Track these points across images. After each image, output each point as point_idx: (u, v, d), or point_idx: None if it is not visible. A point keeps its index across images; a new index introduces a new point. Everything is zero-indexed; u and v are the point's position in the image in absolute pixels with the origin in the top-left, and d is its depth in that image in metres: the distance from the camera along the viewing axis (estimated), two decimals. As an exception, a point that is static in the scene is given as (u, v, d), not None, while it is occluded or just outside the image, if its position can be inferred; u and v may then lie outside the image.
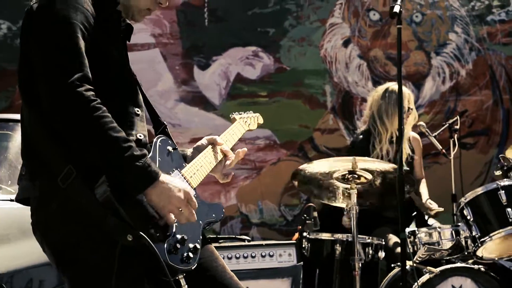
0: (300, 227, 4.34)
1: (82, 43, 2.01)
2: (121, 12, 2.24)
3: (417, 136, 4.97)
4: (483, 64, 6.17)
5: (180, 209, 2.03)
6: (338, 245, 4.22)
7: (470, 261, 4.13)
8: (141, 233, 1.95)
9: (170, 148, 2.23)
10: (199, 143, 2.39)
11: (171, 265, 2.01)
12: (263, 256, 3.95)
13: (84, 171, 2.00)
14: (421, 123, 4.84)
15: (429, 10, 6.20)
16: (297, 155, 6.02)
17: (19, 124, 3.55)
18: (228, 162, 2.40)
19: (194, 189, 2.22)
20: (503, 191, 4.06)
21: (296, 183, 4.23)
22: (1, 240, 2.87)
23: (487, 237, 4.01)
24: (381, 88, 4.87)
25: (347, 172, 4.02)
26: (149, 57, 5.97)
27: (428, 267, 3.99)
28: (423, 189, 4.85)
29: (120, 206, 1.95)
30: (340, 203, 4.23)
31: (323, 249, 4.25)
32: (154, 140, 2.21)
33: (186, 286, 2.07)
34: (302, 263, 4.00)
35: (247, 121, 2.71)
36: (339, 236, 4.24)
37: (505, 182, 4.11)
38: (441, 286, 3.99)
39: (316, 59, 6.13)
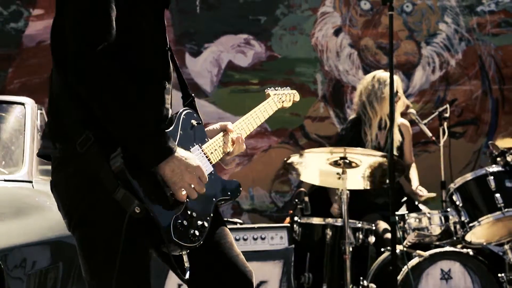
0: (291, 211, 4.38)
1: (112, 11, 2.00)
2: None
3: (407, 123, 5.00)
4: (473, 54, 6.22)
5: (192, 185, 2.05)
6: (329, 229, 4.27)
7: (459, 246, 4.19)
8: (148, 206, 1.97)
9: (194, 122, 2.21)
10: (211, 127, 2.35)
11: (175, 240, 2.01)
12: (255, 239, 3.99)
13: (102, 139, 2.01)
14: (412, 110, 4.89)
15: (420, 0, 6.24)
16: (288, 142, 6.05)
17: (12, 106, 3.59)
18: (231, 150, 2.33)
19: (213, 165, 2.20)
20: (492, 177, 4.12)
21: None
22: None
23: (476, 222, 4.07)
24: (369, 76, 4.92)
25: (338, 158, 4.06)
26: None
27: (418, 251, 4.04)
28: (413, 174, 4.90)
29: (132, 179, 1.97)
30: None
31: (314, 233, 4.30)
32: (179, 112, 2.20)
33: (188, 263, 2.07)
34: (293, 246, 4.04)
35: (282, 98, 2.62)
36: (330, 220, 4.28)
37: (494, 168, 4.18)
38: (430, 270, 4.05)
39: (307, 47, 6.15)
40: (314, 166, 4.31)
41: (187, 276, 2.07)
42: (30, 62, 6.04)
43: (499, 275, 4.05)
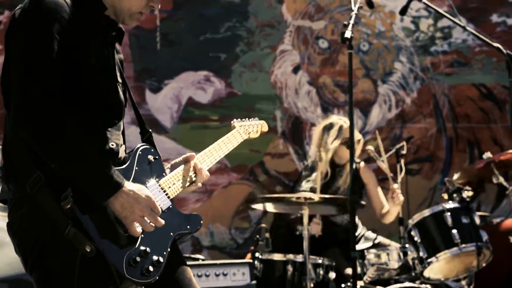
0: (252, 247, 4.39)
1: (56, 53, 2.02)
2: (109, 17, 2.23)
3: (362, 165, 5.01)
4: (427, 93, 6.38)
5: (144, 217, 2.05)
6: (289, 265, 4.29)
7: (418, 281, 4.25)
8: (98, 245, 1.98)
9: (151, 157, 2.22)
10: (176, 160, 2.37)
11: (127, 277, 2.01)
12: (217, 275, 3.98)
13: (51, 178, 2.02)
14: (370, 147, 4.96)
15: (376, 39, 6.40)
16: (248, 178, 6.08)
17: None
18: (197, 178, 2.35)
19: (171, 200, 2.20)
20: (449, 213, 4.21)
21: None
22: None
23: (434, 257, 4.14)
24: (319, 125, 4.99)
25: (302, 199, 4.11)
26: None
27: (378, 287, 4.08)
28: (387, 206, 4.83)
29: (82, 218, 1.98)
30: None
31: (275, 269, 4.31)
32: (136, 148, 2.21)
33: None
34: (255, 282, 4.05)
35: (248, 129, 2.66)
36: (290, 256, 4.31)
37: (450, 205, 4.27)
38: (390, 306, 4.09)
39: (267, 84, 6.23)
40: (277, 203, 4.36)
41: None
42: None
43: (457, 310, 4.12)
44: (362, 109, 6.29)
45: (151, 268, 2.07)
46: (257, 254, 4.31)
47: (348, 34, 3.74)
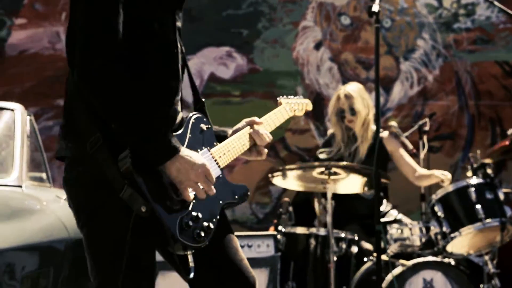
0: (275, 221, 4.42)
1: (120, 14, 2.03)
2: None
3: (386, 134, 4.95)
4: (450, 70, 6.35)
5: (199, 184, 2.07)
6: (312, 239, 4.31)
7: (440, 256, 4.25)
8: (154, 206, 2.00)
9: (203, 126, 2.23)
10: (238, 125, 2.37)
11: (180, 240, 2.04)
12: (241, 247, 3.94)
13: (111, 140, 2.05)
14: (393, 123, 4.95)
15: (398, 16, 6.36)
16: (269, 154, 6.00)
17: (2, 111, 3.58)
18: (259, 144, 2.35)
19: (221, 169, 2.22)
20: (473, 189, 4.20)
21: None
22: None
23: (457, 232, 4.14)
24: (335, 93, 4.95)
25: (324, 169, 4.12)
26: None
27: (401, 260, 4.10)
28: (425, 172, 4.74)
29: (139, 179, 2.00)
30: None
31: (298, 243, 4.34)
32: (189, 116, 2.23)
33: (193, 263, 2.09)
34: (280, 253, 4.08)
35: (294, 107, 2.61)
36: (313, 230, 4.33)
37: (474, 180, 4.26)
38: (413, 279, 4.10)
39: (289, 61, 6.23)
40: (298, 177, 4.36)
41: (191, 276, 2.09)
42: (11, 71, 6.02)
43: (481, 286, 4.12)
44: (384, 86, 6.27)
45: (202, 233, 2.09)
46: (280, 228, 4.34)
47: (375, 7, 3.73)
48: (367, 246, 4.43)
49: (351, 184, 4.35)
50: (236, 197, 2.25)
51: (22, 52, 6.03)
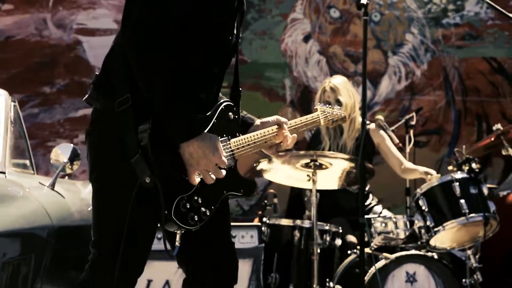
0: (260, 212, 4.41)
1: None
2: None
3: (373, 126, 4.94)
4: (438, 66, 6.36)
5: (207, 171, 2.11)
6: (297, 231, 4.31)
7: (424, 250, 4.27)
8: (157, 180, 2.06)
9: (231, 115, 2.28)
10: (268, 118, 2.39)
11: (173, 219, 2.08)
12: (225, 237, 4.00)
13: (138, 105, 2.12)
14: (380, 117, 4.93)
15: (387, 10, 6.37)
16: (255, 146, 6.08)
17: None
18: (282, 144, 2.38)
19: (236, 160, 2.25)
20: (457, 183, 4.21)
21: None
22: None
23: (441, 226, 4.15)
24: (321, 85, 4.93)
25: (309, 161, 4.11)
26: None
27: (384, 253, 4.11)
28: (411, 166, 4.76)
29: (151, 153, 2.06)
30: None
31: (282, 234, 4.34)
32: (220, 102, 2.27)
33: (179, 242, 2.14)
34: (263, 244, 4.08)
35: (328, 117, 2.58)
36: (298, 222, 4.33)
37: (459, 175, 4.27)
38: (396, 272, 4.12)
39: (277, 52, 6.22)
40: (284, 169, 4.35)
41: (175, 253, 2.16)
42: (-2, 56, 5.98)
43: (463, 280, 4.14)
44: (371, 80, 6.28)
45: (196, 217, 2.13)
46: (264, 219, 4.34)
47: (364, 0, 3.73)
48: (352, 239, 4.44)
49: (337, 177, 4.35)
50: (242, 190, 2.30)
51: (8, 38, 5.99)
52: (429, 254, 4.18)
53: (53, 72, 6.02)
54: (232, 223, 4.27)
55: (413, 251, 4.20)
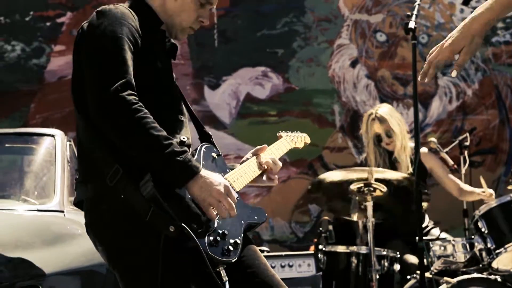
0: (315, 240, 4.38)
1: (127, 53, 2.13)
2: (165, 32, 2.35)
3: (425, 151, 4.89)
4: (489, 84, 6.26)
5: (220, 202, 2.09)
6: (354, 257, 4.26)
7: (485, 273, 4.17)
8: (182, 224, 2.03)
9: (214, 154, 2.32)
10: (245, 157, 2.44)
11: (212, 256, 2.07)
12: (282, 267, 3.99)
13: (130, 169, 2.10)
14: (433, 139, 4.89)
15: (435, 31, 6.31)
16: (307, 173, 6.08)
17: (43, 137, 3.64)
18: (271, 170, 2.42)
19: (237, 192, 2.26)
20: (517, 204, 4.12)
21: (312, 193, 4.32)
22: (29, 247, 2.90)
23: (502, 248, 4.05)
24: (365, 116, 4.88)
25: (362, 185, 4.08)
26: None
27: (445, 278, 4.02)
28: (469, 188, 4.74)
29: (163, 201, 2.03)
30: (354, 215, 4.28)
31: (339, 261, 4.29)
32: (199, 146, 2.31)
33: (227, 277, 2.11)
34: (321, 273, 4.04)
35: (294, 139, 2.73)
36: (354, 248, 4.28)
37: (518, 195, 4.18)
38: (458, 297, 4.02)
39: (325, 79, 6.22)
40: (337, 196, 4.34)
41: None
42: (51, 97, 6.12)
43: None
44: (422, 102, 6.21)
45: (231, 248, 2.14)
46: (320, 246, 4.30)
47: (411, 24, 3.73)
48: (412, 260, 4.35)
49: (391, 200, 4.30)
50: (256, 217, 2.32)
51: (61, 78, 6.13)
52: (492, 277, 4.08)
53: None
54: (288, 252, 4.33)
55: (475, 275, 4.10)
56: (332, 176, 4.37)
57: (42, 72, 6.14)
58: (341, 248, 4.31)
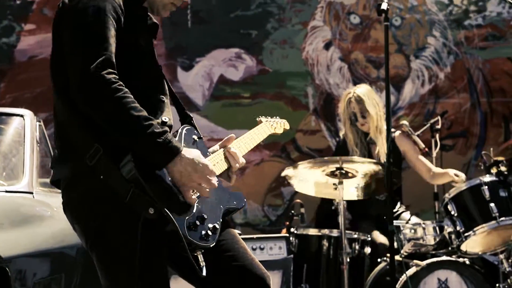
0: (287, 223, 4.39)
1: (110, 31, 2.09)
2: (147, 9, 2.31)
3: (400, 135, 4.92)
4: (461, 68, 6.29)
5: (202, 184, 2.08)
6: (325, 240, 4.28)
7: (454, 255, 4.21)
8: (162, 206, 2.01)
9: (195, 137, 2.29)
10: (212, 148, 2.40)
11: (190, 240, 2.06)
12: (253, 249, 3.99)
13: (110, 149, 2.07)
14: (404, 122, 4.90)
15: (408, 14, 6.32)
16: (280, 156, 6.07)
17: (11, 117, 3.58)
18: (234, 165, 2.38)
19: (217, 176, 2.23)
20: (486, 187, 4.15)
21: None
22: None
23: (471, 231, 4.09)
24: (344, 95, 4.90)
25: (335, 169, 4.09)
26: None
27: (415, 261, 4.06)
28: (440, 170, 4.75)
29: (144, 182, 2.01)
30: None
31: (311, 244, 4.31)
32: (180, 129, 2.27)
33: (204, 262, 2.10)
34: (292, 255, 4.05)
35: (273, 125, 2.72)
36: (326, 231, 4.30)
37: (488, 178, 4.21)
38: (427, 279, 4.07)
39: (298, 61, 6.20)
40: (309, 178, 4.33)
41: (204, 273, 2.10)
42: (21, 77, 6.03)
43: (497, 285, 4.07)
44: (394, 85, 6.22)
45: (209, 233, 2.13)
46: (292, 229, 4.31)
47: (384, 5, 3.71)
48: (381, 239, 4.37)
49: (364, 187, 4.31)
50: (235, 203, 2.31)
51: (31, 57, 6.04)
52: (461, 259, 4.13)
53: (77, 89, 6.05)
54: (260, 235, 4.33)
55: (444, 257, 4.15)
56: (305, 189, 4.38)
57: (12, 51, 6.04)
58: (312, 231, 4.33)
